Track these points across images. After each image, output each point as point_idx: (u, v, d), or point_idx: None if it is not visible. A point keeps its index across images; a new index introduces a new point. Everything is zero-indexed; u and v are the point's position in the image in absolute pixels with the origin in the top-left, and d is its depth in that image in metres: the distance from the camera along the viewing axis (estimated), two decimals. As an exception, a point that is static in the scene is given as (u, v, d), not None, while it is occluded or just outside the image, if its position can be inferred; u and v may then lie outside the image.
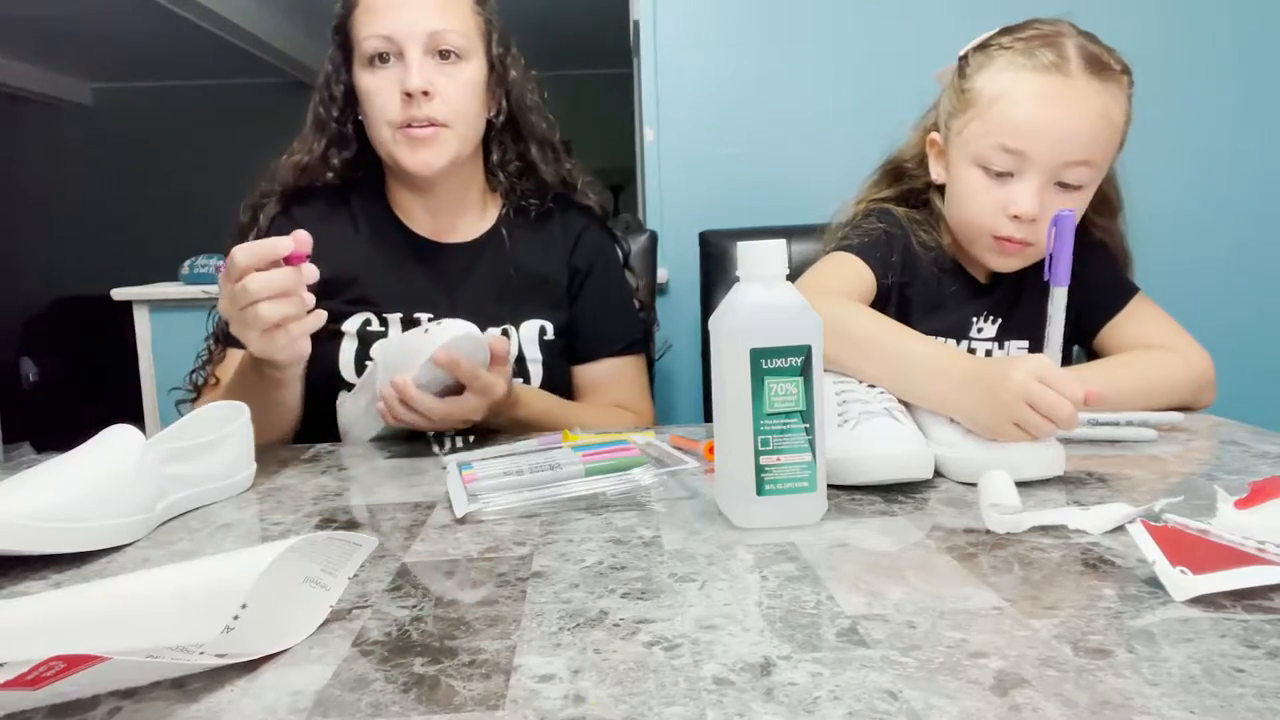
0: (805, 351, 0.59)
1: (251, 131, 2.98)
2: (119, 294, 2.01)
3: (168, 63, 5.07)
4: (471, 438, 0.93)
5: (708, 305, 1.42)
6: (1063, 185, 0.91)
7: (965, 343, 1.02)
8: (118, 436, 0.66)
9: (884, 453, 0.67)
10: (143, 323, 2.01)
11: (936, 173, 1.02)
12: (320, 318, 0.82)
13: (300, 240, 0.78)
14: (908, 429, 0.71)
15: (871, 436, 0.69)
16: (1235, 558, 0.47)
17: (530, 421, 0.98)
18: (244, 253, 0.77)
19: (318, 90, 1.11)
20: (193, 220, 3.59)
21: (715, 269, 1.42)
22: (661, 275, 1.71)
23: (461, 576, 0.53)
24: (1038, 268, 0.84)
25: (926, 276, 1.01)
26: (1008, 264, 0.97)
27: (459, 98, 1.03)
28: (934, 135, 1.02)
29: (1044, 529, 0.57)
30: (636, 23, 1.79)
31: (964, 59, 0.97)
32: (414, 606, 0.49)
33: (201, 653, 0.40)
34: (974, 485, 0.62)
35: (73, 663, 0.35)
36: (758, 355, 0.58)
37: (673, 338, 1.44)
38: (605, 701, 0.38)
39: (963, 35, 1.00)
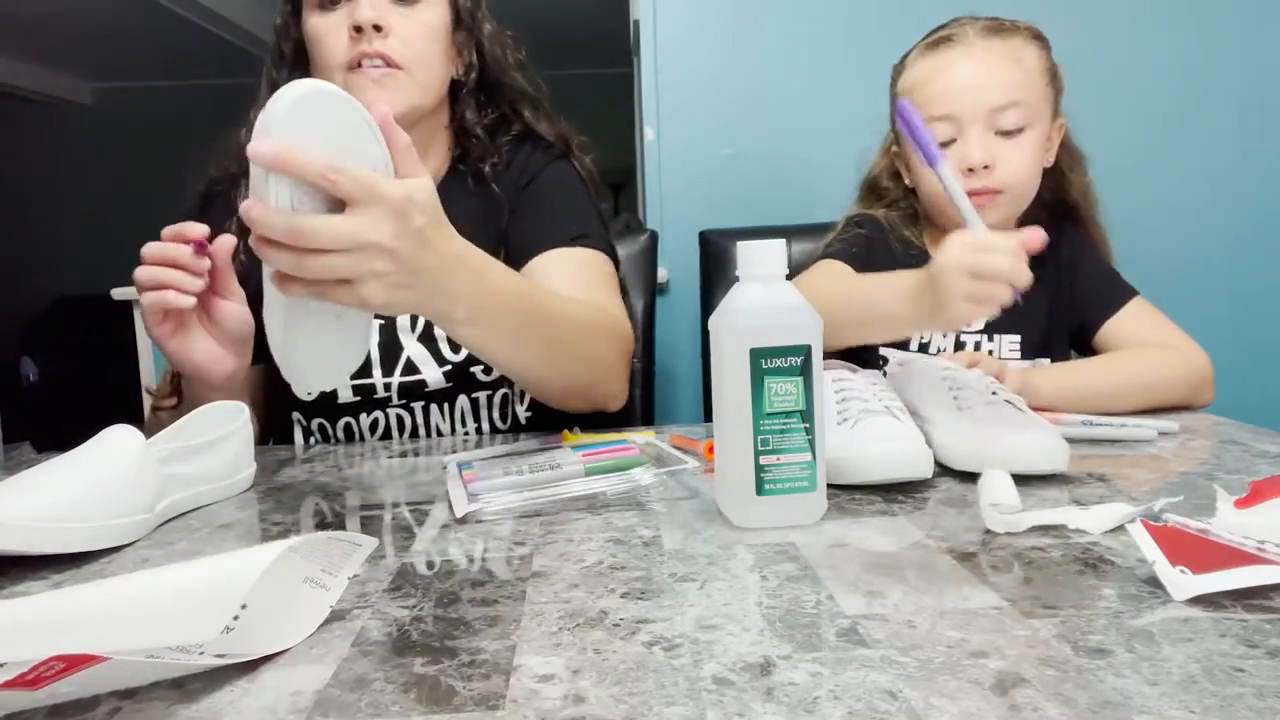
0: (805, 351, 0.59)
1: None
2: (119, 294, 2.01)
3: (168, 63, 5.06)
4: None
5: (708, 305, 1.42)
6: (1004, 133, 0.98)
7: (952, 335, 1.04)
8: (118, 436, 0.66)
9: (884, 452, 0.67)
10: (143, 323, 2.01)
11: (909, 179, 1.10)
12: (186, 301, 0.79)
13: (221, 242, 0.81)
14: (908, 428, 0.71)
15: (871, 435, 0.69)
16: (1235, 557, 0.46)
17: (500, 301, 0.73)
18: (166, 230, 0.81)
19: (269, 51, 1.04)
20: (193, 220, 3.58)
21: (715, 269, 1.42)
22: (661, 275, 1.71)
23: (461, 576, 0.53)
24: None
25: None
26: (986, 218, 0.98)
27: (416, 38, 0.96)
28: (894, 148, 1.11)
29: (1044, 528, 0.57)
30: (636, 22, 1.79)
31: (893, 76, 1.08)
32: (414, 606, 0.49)
33: (201, 653, 0.40)
34: (974, 481, 0.62)
35: (73, 663, 0.35)
36: (758, 355, 0.59)
37: (673, 338, 1.45)
38: (605, 701, 0.38)
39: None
